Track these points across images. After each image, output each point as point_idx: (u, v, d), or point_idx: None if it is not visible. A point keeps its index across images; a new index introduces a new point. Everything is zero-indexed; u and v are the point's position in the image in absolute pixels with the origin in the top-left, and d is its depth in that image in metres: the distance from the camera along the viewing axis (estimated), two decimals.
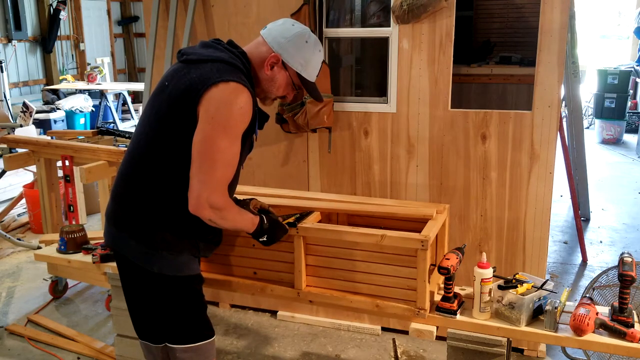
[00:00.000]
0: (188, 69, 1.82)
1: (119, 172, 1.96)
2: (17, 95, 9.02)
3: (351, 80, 3.77)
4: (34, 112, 5.71)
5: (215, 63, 1.80)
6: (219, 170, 1.76)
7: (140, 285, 1.97)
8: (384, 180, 3.12)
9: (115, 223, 1.94)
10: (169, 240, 1.88)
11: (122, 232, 1.92)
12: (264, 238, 2.02)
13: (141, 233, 1.89)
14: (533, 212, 2.90)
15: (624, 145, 8.44)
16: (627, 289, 1.99)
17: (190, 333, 1.97)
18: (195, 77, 1.77)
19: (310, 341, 3.25)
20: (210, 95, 1.74)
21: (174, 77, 1.84)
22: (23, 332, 3.34)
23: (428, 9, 2.79)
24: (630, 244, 4.74)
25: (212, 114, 1.74)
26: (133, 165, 1.90)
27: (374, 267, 2.14)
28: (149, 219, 1.88)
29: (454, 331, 2.09)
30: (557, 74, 2.74)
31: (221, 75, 1.76)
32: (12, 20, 8.86)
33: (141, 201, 1.88)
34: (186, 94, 1.76)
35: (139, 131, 1.92)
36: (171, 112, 1.79)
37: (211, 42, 1.92)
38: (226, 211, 1.82)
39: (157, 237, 1.87)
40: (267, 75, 1.91)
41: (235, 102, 1.75)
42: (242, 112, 1.77)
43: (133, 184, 1.90)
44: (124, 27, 11.79)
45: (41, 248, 3.58)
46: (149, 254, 1.89)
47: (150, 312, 1.99)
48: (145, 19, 3.48)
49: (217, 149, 1.74)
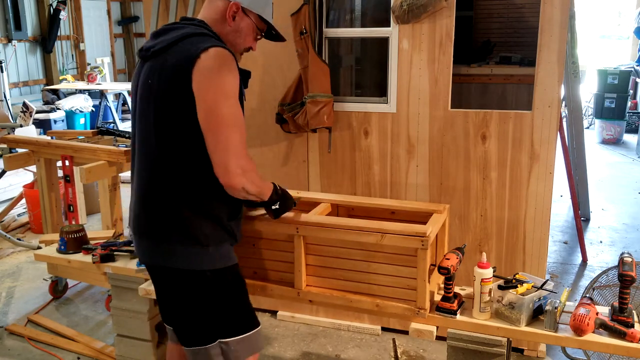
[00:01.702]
0: (163, 59, 1.78)
1: (139, 186, 1.90)
2: (17, 95, 9.02)
3: (351, 80, 3.77)
4: (34, 112, 5.71)
5: (184, 40, 1.77)
6: (234, 134, 1.74)
7: (190, 290, 1.90)
8: (384, 180, 3.12)
9: (152, 236, 1.88)
10: (209, 233, 1.85)
11: (163, 243, 1.86)
12: (276, 205, 2.03)
13: (184, 236, 1.84)
14: (533, 212, 2.90)
15: (624, 145, 8.44)
16: (627, 289, 1.99)
17: (242, 322, 1.98)
18: (175, 61, 1.74)
19: (310, 341, 3.25)
20: (197, 69, 1.71)
21: (154, 73, 1.80)
22: (23, 332, 3.34)
23: (428, 9, 2.79)
24: (630, 244, 4.74)
25: (205, 85, 1.71)
26: (152, 172, 1.86)
27: (374, 267, 2.14)
28: (187, 219, 1.83)
29: (454, 331, 2.09)
30: (557, 74, 2.74)
31: (197, 47, 1.73)
32: (12, 20, 8.86)
33: (174, 204, 1.83)
34: (176, 81, 1.73)
35: (143, 137, 1.87)
36: (169, 104, 1.76)
37: (164, 27, 1.89)
38: (253, 172, 1.81)
39: (199, 233, 1.84)
40: (230, 27, 1.88)
41: (222, 65, 1.73)
42: (232, 72, 1.75)
43: (160, 189, 1.85)
44: (124, 27, 11.79)
45: (41, 248, 3.58)
46: (197, 254, 1.85)
47: (203, 314, 1.93)
48: (145, 19, 3.47)
49: (223, 115, 1.72)
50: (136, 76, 1.90)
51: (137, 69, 1.91)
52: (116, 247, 2.79)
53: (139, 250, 1.96)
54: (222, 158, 1.73)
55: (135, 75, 1.91)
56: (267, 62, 3.17)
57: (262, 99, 3.23)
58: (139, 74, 1.88)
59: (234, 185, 1.76)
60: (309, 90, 2.96)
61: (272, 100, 3.14)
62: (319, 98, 2.96)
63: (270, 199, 2.01)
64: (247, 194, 1.83)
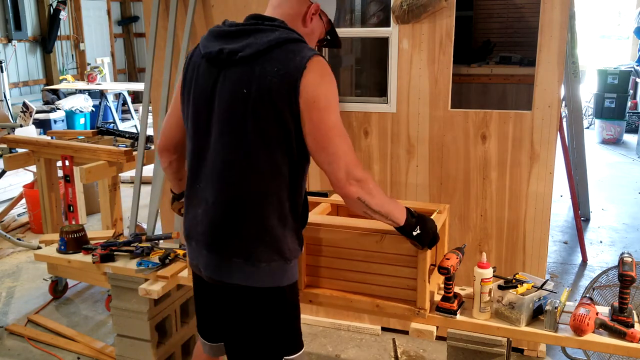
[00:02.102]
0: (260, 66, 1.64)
1: (219, 199, 1.73)
2: (17, 95, 9.03)
3: (351, 80, 3.77)
4: (34, 112, 5.71)
5: (282, 47, 1.65)
6: (342, 145, 1.68)
7: (268, 307, 1.79)
8: (384, 180, 3.12)
9: (235, 252, 1.73)
10: (292, 247, 1.77)
11: (248, 261, 1.73)
12: (417, 230, 1.88)
13: (271, 251, 1.73)
14: (533, 212, 2.90)
15: (624, 145, 8.44)
16: (627, 289, 1.99)
17: (300, 339, 1.89)
18: (278, 71, 1.62)
19: (310, 341, 3.25)
20: (305, 82, 1.62)
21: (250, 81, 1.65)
22: (23, 332, 3.34)
23: (428, 9, 2.79)
24: (630, 244, 4.74)
25: (313, 98, 1.63)
26: (242, 183, 1.71)
27: (374, 267, 2.14)
28: (276, 233, 1.73)
29: (454, 331, 2.09)
30: (557, 74, 2.74)
31: (301, 56, 1.63)
32: (12, 20, 8.87)
33: (265, 216, 1.71)
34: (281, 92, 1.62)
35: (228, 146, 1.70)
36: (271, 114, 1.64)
37: (240, 28, 1.72)
38: (370, 182, 1.73)
39: (285, 248, 1.75)
40: (307, 29, 1.79)
41: (327, 75, 1.67)
42: (333, 81, 1.69)
43: (251, 201, 1.71)
44: (124, 27, 11.80)
45: (41, 248, 3.58)
46: (281, 270, 1.76)
47: (274, 331, 1.82)
48: (145, 19, 3.47)
49: (330, 127, 1.66)
50: (207, 81, 1.73)
51: (206, 73, 1.73)
52: (116, 247, 2.78)
53: (207, 266, 1.80)
54: (334, 171, 1.68)
55: (205, 81, 1.73)
56: None
57: None
58: (215, 80, 1.71)
59: (348, 194, 1.70)
60: None
61: None
62: None
63: (407, 223, 1.85)
64: (368, 209, 1.74)
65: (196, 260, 1.85)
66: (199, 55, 1.77)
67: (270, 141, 1.67)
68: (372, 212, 1.76)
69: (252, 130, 1.67)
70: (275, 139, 1.67)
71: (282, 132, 1.66)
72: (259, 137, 1.67)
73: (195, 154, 1.80)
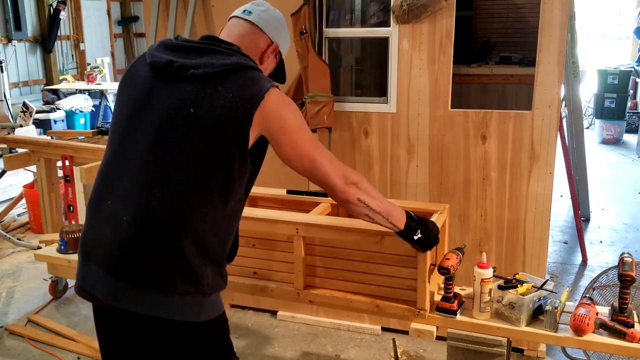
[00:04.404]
0: (213, 88, 1.57)
1: (136, 218, 1.54)
2: (17, 95, 9.02)
3: (351, 80, 3.77)
4: (34, 112, 5.71)
5: (240, 72, 1.60)
6: (324, 157, 1.66)
7: (180, 343, 1.59)
8: (384, 180, 3.12)
9: (144, 280, 1.53)
10: (211, 281, 1.61)
11: (161, 291, 1.53)
12: (417, 234, 1.87)
13: (188, 284, 1.55)
14: (533, 212, 2.90)
15: (624, 145, 8.44)
16: (627, 289, 1.99)
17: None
18: (234, 97, 1.55)
19: (310, 341, 3.25)
20: (262, 112, 1.57)
21: (200, 101, 1.56)
22: (23, 332, 3.34)
23: (428, 9, 2.79)
24: (630, 244, 4.74)
25: (279, 125, 1.60)
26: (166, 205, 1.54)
27: (374, 268, 2.14)
28: (196, 264, 1.56)
29: (454, 331, 2.09)
30: (557, 74, 2.74)
31: (259, 86, 1.59)
32: (12, 20, 8.86)
33: (187, 245, 1.54)
34: (234, 119, 1.55)
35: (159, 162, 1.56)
36: (216, 139, 1.55)
37: (192, 45, 1.66)
38: (365, 182, 1.72)
39: (204, 282, 1.58)
40: (262, 66, 1.76)
41: (285, 101, 1.65)
42: (293, 105, 1.68)
43: (173, 227, 1.54)
44: (124, 27, 11.79)
45: (41, 248, 3.58)
46: (198, 304, 1.59)
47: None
48: (145, 19, 3.47)
49: (306, 148, 1.64)
50: (144, 90, 1.62)
51: (146, 81, 1.63)
52: None
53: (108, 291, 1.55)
54: (329, 182, 1.66)
55: (142, 89, 1.63)
56: None
57: None
58: (153, 91, 1.61)
59: (347, 198, 1.68)
60: (308, 90, 2.96)
61: None
62: (318, 98, 2.96)
63: (407, 226, 1.84)
64: (369, 210, 1.72)
65: (91, 286, 1.58)
66: (143, 62, 1.67)
67: (207, 166, 1.56)
68: (373, 212, 1.74)
69: (190, 151, 1.55)
70: (212, 165, 1.56)
71: (223, 160, 1.56)
72: (196, 160, 1.55)
73: (113, 163, 1.63)
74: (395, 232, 1.87)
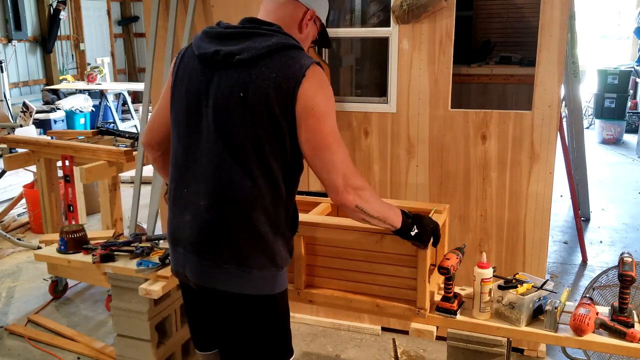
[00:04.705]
0: (258, 70, 1.63)
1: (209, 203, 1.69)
2: (17, 95, 9.02)
3: (351, 80, 3.77)
4: (34, 112, 5.72)
5: (281, 52, 1.64)
6: (338, 153, 1.66)
7: (261, 315, 1.77)
8: (384, 180, 3.12)
9: (227, 258, 1.70)
10: (283, 254, 1.76)
11: (241, 267, 1.69)
12: (414, 230, 1.88)
13: (264, 258, 1.71)
14: (533, 212, 2.90)
15: (624, 145, 8.44)
16: (627, 289, 1.99)
17: (290, 346, 1.88)
18: (277, 77, 1.61)
19: (310, 341, 3.25)
20: (303, 90, 1.61)
21: (246, 85, 1.63)
22: (23, 332, 3.34)
23: (428, 9, 2.79)
24: (630, 244, 4.74)
25: (310, 105, 1.62)
26: (234, 188, 1.67)
27: (374, 267, 2.14)
28: (268, 240, 1.71)
29: (454, 331, 2.09)
30: (557, 74, 2.74)
31: (300, 64, 1.63)
32: (12, 20, 8.87)
33: (257, 223, 1.68)
34: (279, 97, 1.61)
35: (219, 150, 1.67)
36: (267, 119, 1.63)
37: (235, 31, 1.70)
38: (367, 191, 1.72)
39: (277, 255, 1.74)
40: (302, 34, 1.78)
41: (324, 83, 1.67)
42: (330, 89, 1.69)
43: (243, 207, 1.68)
44: (124, 27, 11.80)
45: (41, 248, 3.58)
46: (273, 277, 1.74)
47: (268, 339, 1.81)
48: (145, 19, 3.47)
49: (327, 134, 1.65)
50: (200, 82, 1.70)
51: (200, 73, 1.71)
52: (116, 247, 2.78)
53: (196, 272, 1.75)
54: (331, 177, 1.66)
55: (198, 81, 1.71)
56: None
57: None
58: (208, 81, 1.69)
59: (345, 203, 1.69)
60: None
61: None
62: None
63: (404, 224, 1.85)
64: (365, 215, 1.74)
65: (182, 268, 1.79)
66: (191, 55, 1.75)
67: (264, 146, 1.65)
68: (369, 218, 1.76)
69: (247, 134, 1.66)
70: (269, 145, 1.66)
71: (277, 138, 1.65)
72: (254, 142, 1.65)
73: (182, 154, 1.76)
74: (392, 231, 1.88)
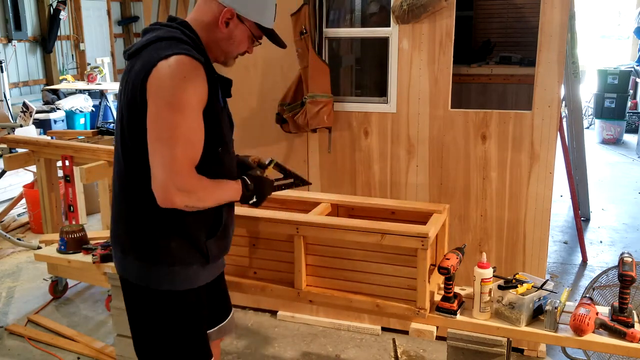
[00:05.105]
0: (132, 63, 1.68)
1: (113, 194, 1.84)
2: (17, 95, 9.02)
3: (351, 80, 3.77)
4: (34, 112, 5.71)
5: (152, 44, 1.66)
6: (178, 149, 1.58)
7: (147, 309, 1.81)
8: (384, 180, 3.12)
9: (120, 246, 1.81)
10: (174, 251, 1.74)
11: (128, 254, 1.78)
12: (253, 199, 1.90)
13: (146, 250, 1.74)
14: (533, 212, 2.90)
15: (624, 145, 8.44)
16: (627, 289, 1.99)
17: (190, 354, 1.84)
18: (138, 68, 1.63)
19: (310, 341, 3.25)
20: (152, 78, 1.59)
21: (122, 80, 1.72)
22: (23, 332, 3.34)
23: (428, 9, 2.79)
24: (630, 244, 4.74)
25: (155, 92, 1.58)
26: (120, 181, 1.78)
27: (374, 267, 2.14)
28: (150, 231, 1.74)
29: (454, 331, 2.09)
30: (557, 74, 2.74)
31: (159, 54, 1.61)
32: (12, 20, 8.85)
33: (138, 213, 1.74)
34: (135, 89, 1.63)
35: (116, 145, 1.79)
36: (131, 113, 1.66)
37: (149, 27, 1.79)
38: (201, 191, 1.66)
39: (162, 249, 1.73)
40: (223, 34, 1.75)
41: (177, 74, 1.58)
42: (188, 82, 1.59)
43: (127, 198, 1.76)
44: (124, 27, 11.78)
45: (41, 248, 3.58)
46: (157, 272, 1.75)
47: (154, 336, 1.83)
48: (145, 19, 3.47)
49: (168, 127, 1.57)
50: None
51: None
52: None
53: (114, 261, 1.90)
54: (160, 174, 1.59)
55: None
56: (267, 62, 3.17)
57: (262, 99, 3.23)
58: None
59: (172, 204, 1.62)
60: (309, 90, 2.96)
61: (272, 100, 3.14)
62: (318, 98, 2.96)
63: (243, 196, 1.86)
64: (197, 209, 1.70)
65: None
66: None
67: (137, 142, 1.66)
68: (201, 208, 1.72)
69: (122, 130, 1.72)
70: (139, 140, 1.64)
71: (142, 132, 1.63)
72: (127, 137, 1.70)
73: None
74: None
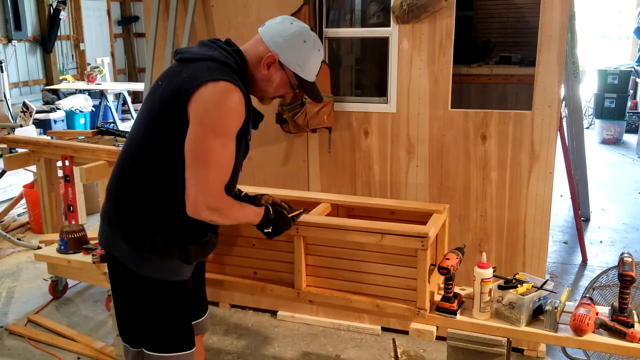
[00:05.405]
0: (181, 67, 1.80)
1: (113, 172, 1.93)
2: (17, 95, 9.02)
3: (351, 80, 3.77)
4: (34, 112, 5.72)
5: (207, 62, 1.78)
6: (213, 172, 1.75)
7: (127, 286, 1.93)
8: (384, 180, 3.12)
9: (109, 223, 1.91)
10: (159, 244, 1.85)
11: (115, 233, 1.88)
12: (269, 229, 2.03)
13: (132, 234, 1.85)
14: (533, 212, 2.90)
15: (624, 145, 8.44)
16: (627, 289, 1.99)
17: (168, 342, 1.92)
18: (186, 77, 1.75)
19: (310, 341, 3.25)
20: (199, 95, 1.71)
21: (167, 76, 1.83)
22: (23, 332, 3.34)
23: (428, 9, 2.79)
24: (630, 244, 4.74)
25: (201, 115, 1.71)
26: (126, 166, 1.88)
27: (374, 267, 2.14)
28: (140, 221, 1.84)
29: (454, 331, 2.09)
30: (557, 74, 2.74)
31: (211, 74, 1.73)
32: (12, 20, 8.86)
33: (133, 202, 1.85)
34: (176, 94, 1.74)
35: (133, 131, 1.90)
36: (163, 112, 1.77)
37: (207, 42, 1.89)
38: (226, 209, 1.83)
39: (147, 239, 1.84)
40: (263, 74, 1.88)
41: (224, 102, 1.72)
42: (232, 112, 1.74)
43: (126, 184, 1.87)
44: (124, 27, 11.79)
45: (41, 248, 3.58)
46: (139, 257, 1.85)
47: (132, 315, 1.95)
48: (145, 19, 3.47)
49: (208, 150, 1.72)
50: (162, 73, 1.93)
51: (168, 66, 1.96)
52: None
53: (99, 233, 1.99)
54: (194, 191, 1.74)
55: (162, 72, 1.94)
56: None
57: None
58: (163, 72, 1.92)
59: (199, 217, 1.79)
60: None
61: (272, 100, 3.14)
62: None
63: (262, 223, 2.02)
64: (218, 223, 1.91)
65: None
66: None
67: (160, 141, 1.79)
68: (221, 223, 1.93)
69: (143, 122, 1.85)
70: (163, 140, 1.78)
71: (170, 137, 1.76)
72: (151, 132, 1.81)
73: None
74: None
